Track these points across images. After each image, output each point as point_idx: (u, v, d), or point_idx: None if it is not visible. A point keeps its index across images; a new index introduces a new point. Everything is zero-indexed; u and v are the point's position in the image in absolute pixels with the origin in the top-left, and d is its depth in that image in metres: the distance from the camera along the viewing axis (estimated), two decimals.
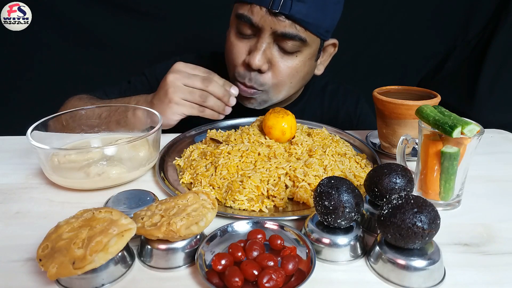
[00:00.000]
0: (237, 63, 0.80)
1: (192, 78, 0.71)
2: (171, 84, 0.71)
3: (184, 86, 0.71)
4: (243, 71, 0.80)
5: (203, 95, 0.71)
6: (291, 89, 0.84)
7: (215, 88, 0.72)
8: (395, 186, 0.46)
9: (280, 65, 0.78)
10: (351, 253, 0.43)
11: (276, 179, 0.58)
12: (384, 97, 0.65)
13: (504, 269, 0.43)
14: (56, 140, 0.65)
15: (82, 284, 0.39)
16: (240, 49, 0.79)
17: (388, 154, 0.71)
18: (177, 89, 0.71)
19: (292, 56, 0.78)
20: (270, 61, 0.78)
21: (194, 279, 0.41)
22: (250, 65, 0.76)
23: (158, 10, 1.27)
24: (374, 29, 1.39)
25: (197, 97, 0.71)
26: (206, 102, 0.72)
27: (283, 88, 0.82)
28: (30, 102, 1.29)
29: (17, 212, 0.53)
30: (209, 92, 0.72)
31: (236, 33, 0.80)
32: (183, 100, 0.71)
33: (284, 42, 0.75)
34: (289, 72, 0.79)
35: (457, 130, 0.47)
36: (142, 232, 0.41)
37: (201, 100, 0.72)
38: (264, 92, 0.82)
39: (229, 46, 0.82)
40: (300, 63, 0.80)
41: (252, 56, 0.76)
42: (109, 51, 1.31)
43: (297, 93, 0.97)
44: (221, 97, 0.73)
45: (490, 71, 1.32)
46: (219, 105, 0.74)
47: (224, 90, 0.73)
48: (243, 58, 0.79)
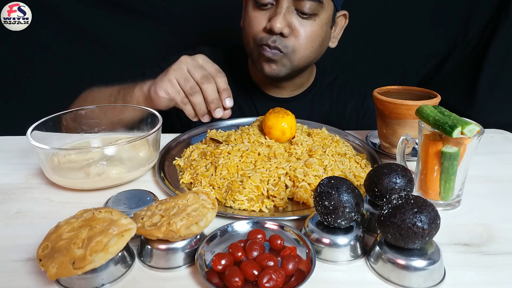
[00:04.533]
0: (258, 31, 0.82)
1: (197, 69, 0.71)
2: (178, 63, 0.72)
3: (185, 70, 0.71)
4: (265, 35, 0.82)
5: (194, 88, 0.70)
6: (312, 55, 0.86)
7: (208, 89, 0.70)
8: (395, 186, 0.46)
9: (300, 28, 0.81)
10: (351, 253, 0.43)
11: (276, 179, 0.58)
12: (384, 97, 0.65)
13: (504, 269, 0.43)
14: (56, 140, 0.65)
15: (82, 284, 0.39)
16: (260, 19, 0.82)
17: (388, 154, 0.71)
18: (178, 69, 0.71)
19: (311, 20, 0.81)
20: (290, 26, 0.80)
21: (194, 279, 0.41)
22: (272, 29, 0.78)
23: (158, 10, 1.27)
24: (374, 29, 1.39)
25: (188, 87, 0.70)
26: (193, 96, 0.70)
27: (304, 53, 0.84)
28: (30, 102, 1.28)
29: (17, 212, 0.53)
30: (202, 89, 0.70)
31: (254, 6, 0.82)
32: (176, 82, 0.70)
33: (302, 4, 0.78)
34: (309, 35, 0.82)
35: (457, 130, 0.46)
36: (142, 232, 0.41)
37: (189, 91, 0.70)
38: (286, 56, 0.83)
39: (248, 19, 0.84)
40: (318, 27, 0.82)
41: (273, 20, 0.78)
42: (109, 51, 1.31)
43: (308, 81, 1.00)
44: (209, 101, 0.70)
45: (490, 71, 1.31)
46: (201, 108, 0.71)
47: (216, 96, 0.71)
48: (264, 26, 0.81)
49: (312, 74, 1.02)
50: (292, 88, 0.98)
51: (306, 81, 1.00)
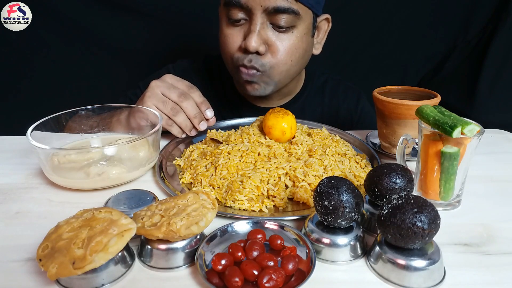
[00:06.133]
0: (234, 50, 0.79)
1: (171, 90, 0.70)
2: (150, 90, 0.70)
3: (160, 94, 0.70)
4: (241, 55, 0.78)
5: (175, 108, 0.69)
6: (292, 68, 0.82)
7: (188, 106, 0.69)
8: (395, 186, 0.46)
9: (277, 43, 0.76)
10: (351, 253, 0.43)
11: (276, 179, 0.58)
12: (384, 97, 0.65)
13: (504, 269, 0.43)
14: (56, 140, 0.65)
15: (82, 284, 0.39)
16: (235, 37, 0.78)
17: (388, 154, 0.71)
18: (153, 95, 0.70)
19: (288, 33, 0.77)
20: (267, 42, 0.76)
21: (194, 279, 0.41)
22: (248, 48, 0.75)
23: (158, 10, 1.27)
24: (374, 29, 1.39)
25: (169, 109, 0.69)
26: (176, 117, 0.70)
27: (284, 67, 0.80)
28: (30, 102, 1.28)
29: (17, 212, 0.53)
30: (182, 108, 0.70)
31: (228, 22, 0.78)
32: (155, 108, 0.69)
33: (277, 18, 0.74)
34: (288, 50, 0.78)
35: (457, 130, 0.46)
36: (142, 232, 0.41)
37: (171, 113, 0.69)
38: (265, 74, 0.79)
39: (223, 37, 0.80)
40: (297, 39, 0.78)
41: (248, 39, 0.74)
42: (109, 51, 1.31)
43: (296, 88, 0.96)
44: (192, 117, 0.70)
45: (490, 71, 1.32)
46: (187, 125, 0.71)
47: (197, 111, 0.71)
48: (239, 44, 0.78)
49: (300, 80, 0.97)
50: (279, 97, 0.94)
51: (294, 88, 0.95)
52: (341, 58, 1.40)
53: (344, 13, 1.27)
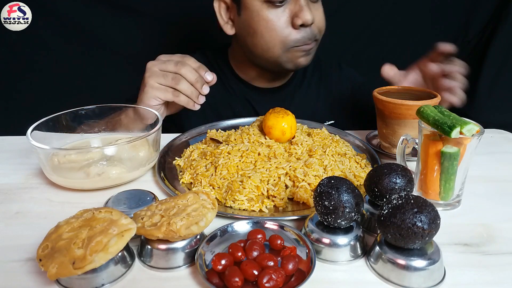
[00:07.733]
0: (284, 30, 0.80)
1: (167, 63, 0.72)
2: (148, 70, 0.72)
3: (159, 71, 0.72)
4: (298, 34, 0.80)
5: (176, 77, 0.71)
6: None
7: (187, 72, 0.71)
8: (395, 186, 0.46)
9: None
10: (351, 253, 0.43)
11: (276, 179, 0.58)
12: (384, 97, 0.65)
13: (504, 269, 0.43)
14: (56, 140, 0.65)
15: (82, 284, 0.39)
16: (281, 18, 0.79)
17: (388, 154, 0.71)
18: (152, 73, 0.72)
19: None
20: None
21: (194, 279, 0.41)
22: (306, 22, 0.78)
23: (158, 10, 1.27)
24: (374, 29, 1.39)
25: (170, 80, 0.71)
26: (179, 85, 0.71)
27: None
28: (30, 102, 1.28)
29: (17, 212, 0.53)
30: (181, 75, 0.71)
31: (269, 6, 0.79)
32: (158, 84, 0.72)
33: None
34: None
35: (455, 131, 0.46)
36: (142, 232, 0.41)
37: (174, 83, 0.71)
38: (318, 42, 0.86)
39: (265, 23, 0.80)
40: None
41: (303, 14, 0.78)
42: (109, 51, 1.31)
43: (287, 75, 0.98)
44: (194, 82, 0.72)
45: (490, 71, 1.32)
46: (192, 91, 0.72)
47: (196, 75, 0.72)
48: (288, 23, 0.80)
49: None
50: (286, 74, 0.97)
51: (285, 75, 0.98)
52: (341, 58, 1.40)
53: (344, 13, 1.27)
